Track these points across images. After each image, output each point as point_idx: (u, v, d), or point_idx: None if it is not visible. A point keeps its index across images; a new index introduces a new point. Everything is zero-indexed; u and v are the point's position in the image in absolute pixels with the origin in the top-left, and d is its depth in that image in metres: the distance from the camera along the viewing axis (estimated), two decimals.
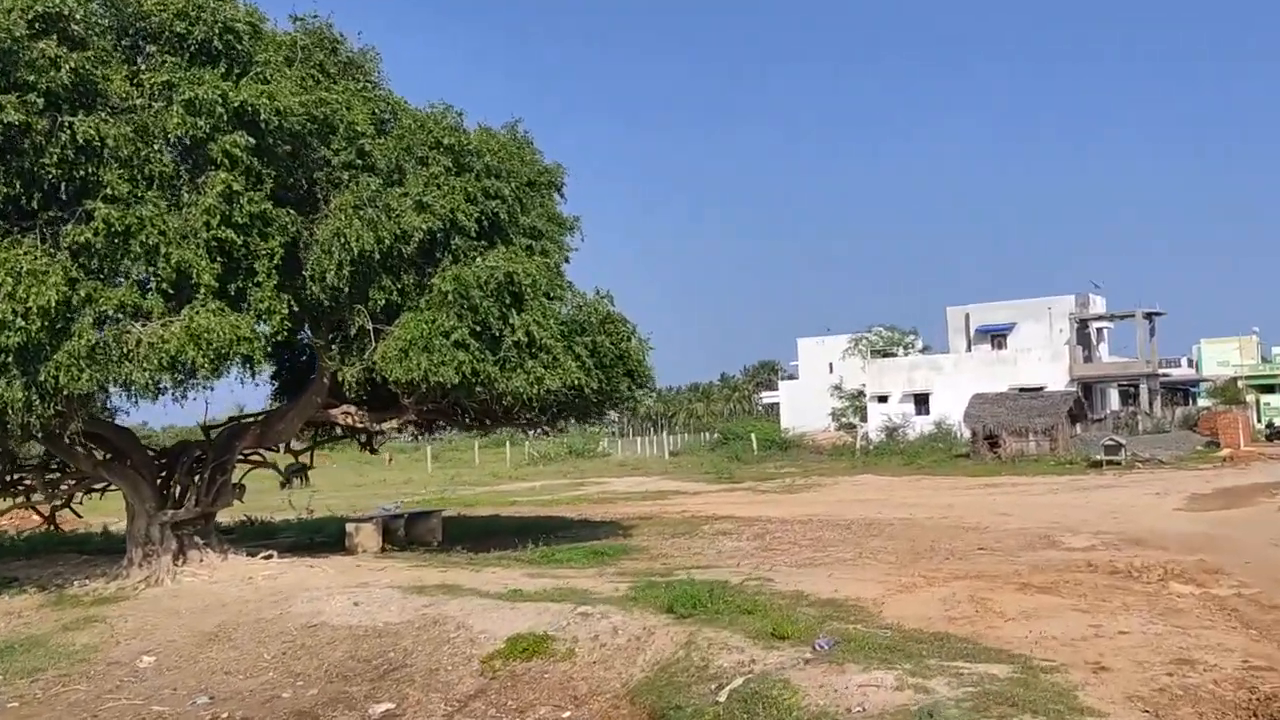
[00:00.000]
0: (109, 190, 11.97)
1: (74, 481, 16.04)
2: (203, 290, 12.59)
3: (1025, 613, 10.23)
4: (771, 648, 8.60)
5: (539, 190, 17.29)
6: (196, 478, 15.33)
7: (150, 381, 12.11)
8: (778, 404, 75.76)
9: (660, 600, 10.43)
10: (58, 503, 17.17)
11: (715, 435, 64.72)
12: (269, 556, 15.11)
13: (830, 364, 70.66)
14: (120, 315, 12.15)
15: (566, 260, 18.09)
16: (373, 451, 20.78)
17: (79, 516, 18.47)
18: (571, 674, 9.02)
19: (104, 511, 20.13)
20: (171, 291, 12.48)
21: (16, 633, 11.87)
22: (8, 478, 15.73)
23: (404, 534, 18.93)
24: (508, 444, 61.08)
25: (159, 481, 15.61)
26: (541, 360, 15.03)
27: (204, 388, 13.33)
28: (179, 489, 15.19)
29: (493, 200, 15.49)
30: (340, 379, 15.14)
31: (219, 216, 12.67)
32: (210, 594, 12.99)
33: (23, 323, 11.29)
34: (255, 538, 20.69)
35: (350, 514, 23.96)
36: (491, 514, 26.57)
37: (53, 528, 17.75)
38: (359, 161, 14.54)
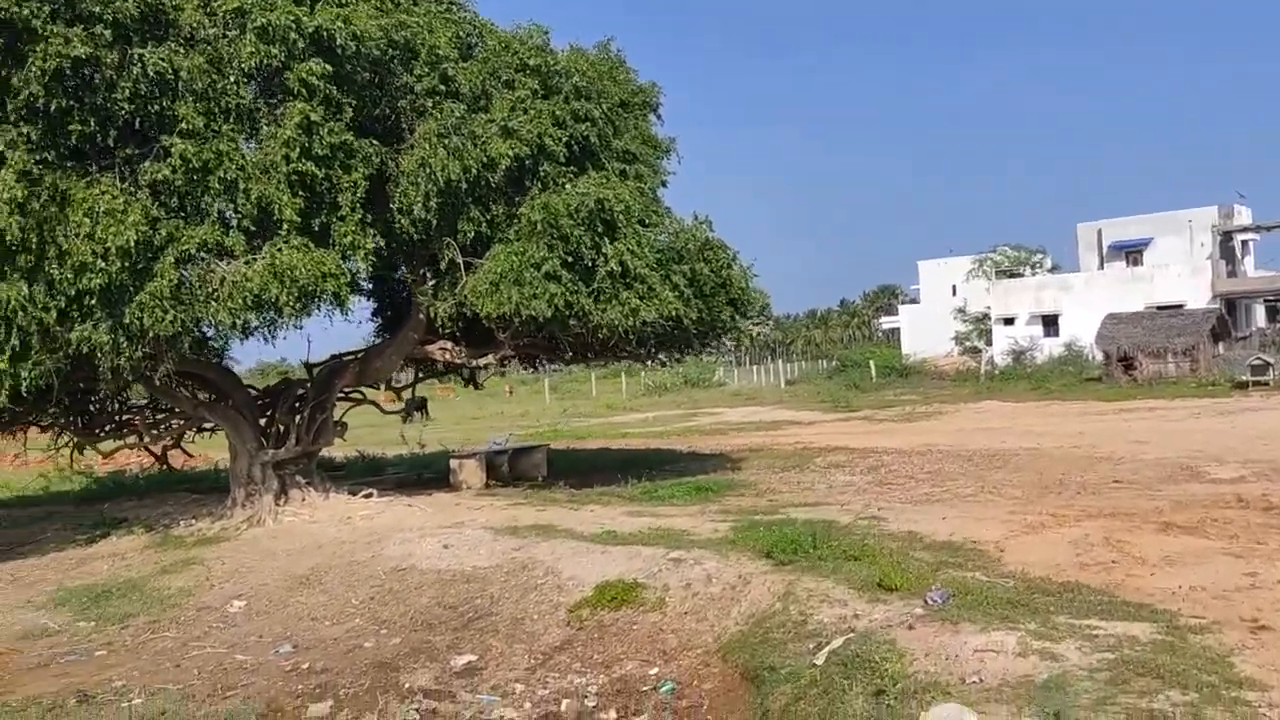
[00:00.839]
0: (185, 125, 11.62)
1: (178, 422, 16.15)
2: (285, 226, 12.24)
3: (1168, 558, 9.16)
4: (878, 600, 7.83)
5: (632, 112, 16.42)
6: (297, 417, 15.22)
7: (236, 321, 11.85)
8: (898, 329, 73.46)
9: (759, 544, 9.73)
10: (168, 442, 17.40)
11: (833, 363, 63.22)
12: (369, 495, 14.96)
13: (953, 286, 67.96)
14: (203, 254, 11.88)
15: (663, 185, 17.26)
16: (477, 387, 20.56)
17: (190, 456, 18.74)
18: (661, 626, 8.44)
19: (221, 448, 20.49)
20: (254, 228, 12.17)
21: (117, 575, 11.93)
22: (117, 419, 15.92)
23: (508, 469, 18.68)
24: (623, 375, 60.99)
25: (261, 421, 15.58)
26: (637, 291, 14.32)
27: (293, 326, 13.02)
28: (279, 428, 15.11)
29: (583, 123, 14.73)
30: (433, 315, 14.75)
31: (298, 149, 12.25)
32: (308, 534, 12.86)
33: (103, 264, 11.11)
34: (364, 474, 20.80)
35: (462, 448, 23.96)
36: (601, 447, 26.25)
37: (165, 467, 18.03)
38: (442, 87, 13.93)
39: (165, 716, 7.71)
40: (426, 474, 19.70)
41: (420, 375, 18.95)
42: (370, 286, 18.11)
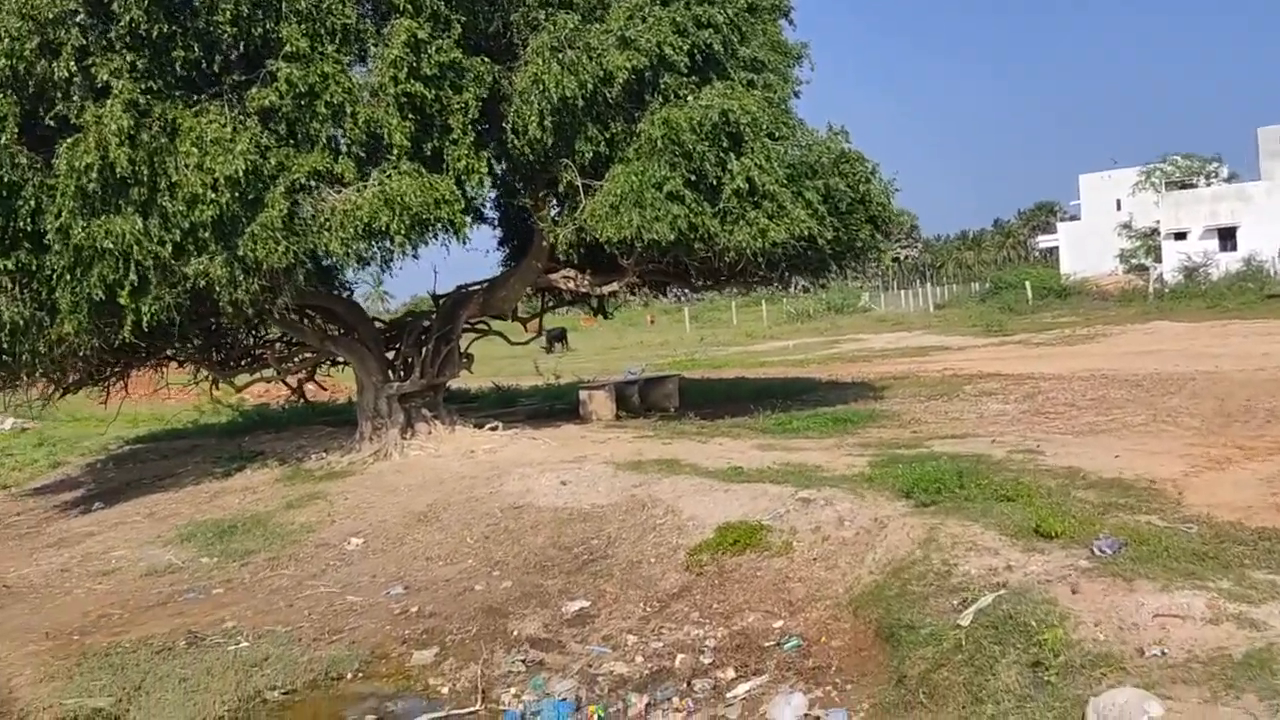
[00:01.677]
0: (289, 47, 11.19)
1: (307, 356, 16.13)
2: (395, 151, 11.76)
3: None
4: (1034, 549, 6.86)
5: (760, 16, 15.23)
6: (423, 350, 14.95)
7: (349, 250, 11.48)
8: (1056, 248, 69.60)
9: (899, 482, 8.83)
10: (302, 376, 17.49)
11: (985, 285, 60.29)
12: (495, 428, 14.63)
13: (1117, 200, 63.77)
14: (313, 182, 11.52)
15: (796, 95, 16.08)
16: (606, 316, 19.96)
17: (324, 389, 18.84)
18: (787, 573, 7.68)
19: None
20: (364, 155, 11.75)
21: (245, 509, 11.92)
22: (252, 353, 16.01)
23: (639, 400, 18.12)
24: (764, 303, 59.82)
25: (389, 355, 15.39)
26: (765, 209, 13.34)
27: (410, 255, 12.63)
28: (405, 361, 14.87)
29: (705, 30, 13.65)
30: (553, 241, 14.15)
31: (406, 69, 11.69)
32: (431, 469, 12.60)
33: (214, 195, 10.86)
34: (497, 406, 20.60)
35: (595, 379, 23.58)
36: (737, 376, 25.46)
37: (302, 400, 18.17)
38: None
39: (269, 661, 7.45)
40: (559, 405, 19.32)
41: (550, 305, 18.45)
42: (496, 214, 17.68)
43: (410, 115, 11.94)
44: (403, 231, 11.49)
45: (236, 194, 10.98)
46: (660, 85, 13.35)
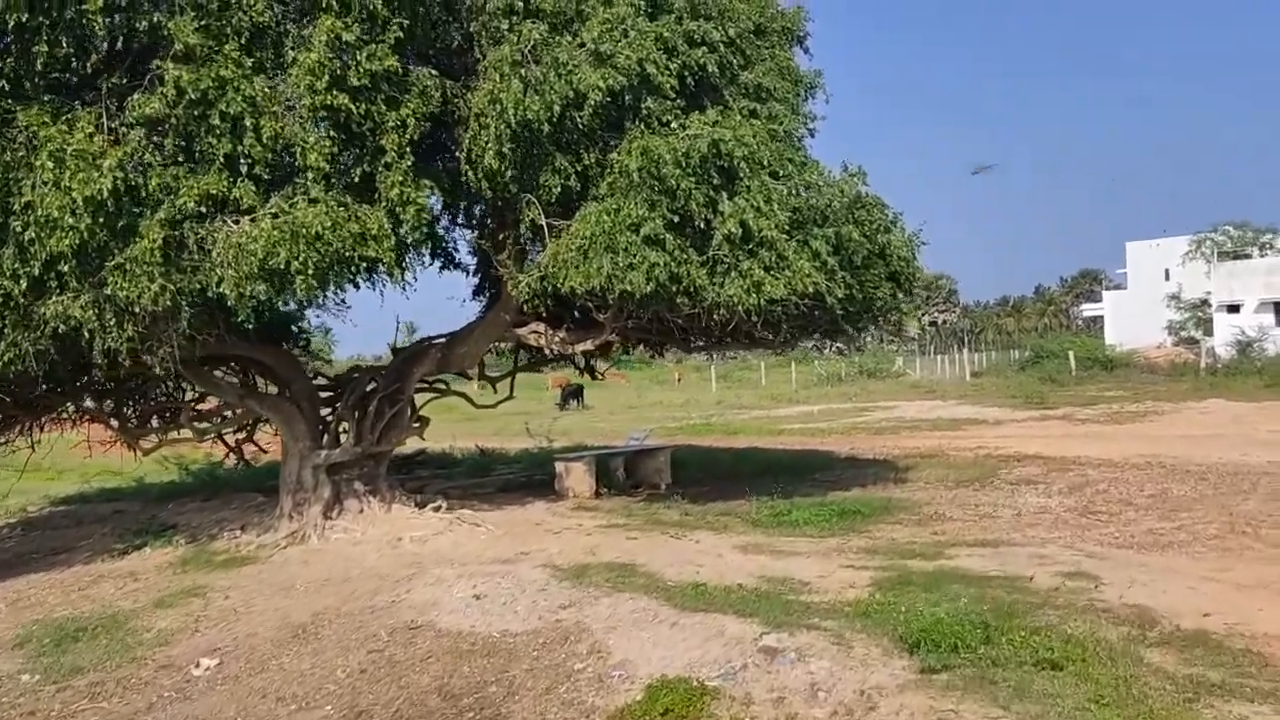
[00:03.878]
0: (179, 45, 9.25)
1: (229, 415, 14.04)
2: (312, 174, 9.75)
3: None
4: None
5: (769, 39, 13.19)
6: (364, 412, 12.83)
7: (243, 293, 9.39)
8: (1100, 317, 66.79)
9: (904, 627, 6.51)
10: (239, 435, 15.43)
11: (1025, 353, 57.49)
12: (438, 507, 12.42)
13: (1166, 270, 61.03)
14: (206, 209, 9.50)
15: (810, 133, 13.96)
16: (594, 377, 17.76)
17: (264, 451, 16.73)
18: None
19: None
20: (269, 178, 9.74)
21: (110, 605, 9.77)
22: (169, 410, 13.96)
23: (625, 474, 15.88)
24: (792, 364, 57.54)
25: (325, 415, 13.30)
26: (762, 260, 11.18)
27: (323, 301, 10.59)
28: (340, 424, 12.76)
29: (699, 49, 11.61)
30: (512, 290, 12.05)
31: (327, 77, 9.72)
32: (343, 560, 10.41)
33: (72, 220, 8.86)
34: (473, 473, 18.45)
35: (582, 446, 21.36)
36: (749, 446, 23.10)
37: (241, 462, 16.07)
38: (521, 4, 11.15)
39: None
40: (539, 476, 17.08)
41: (526, 363, 16.31)
42: (473, 259, 15.63)
43: (333, 133, 9.94)
44: (309, 271, 9.40)
45: (101, 219, 8.98)
46: (642, 110, 11.30)
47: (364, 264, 10.34)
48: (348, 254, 9.97)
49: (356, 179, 10.45)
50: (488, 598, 8.17)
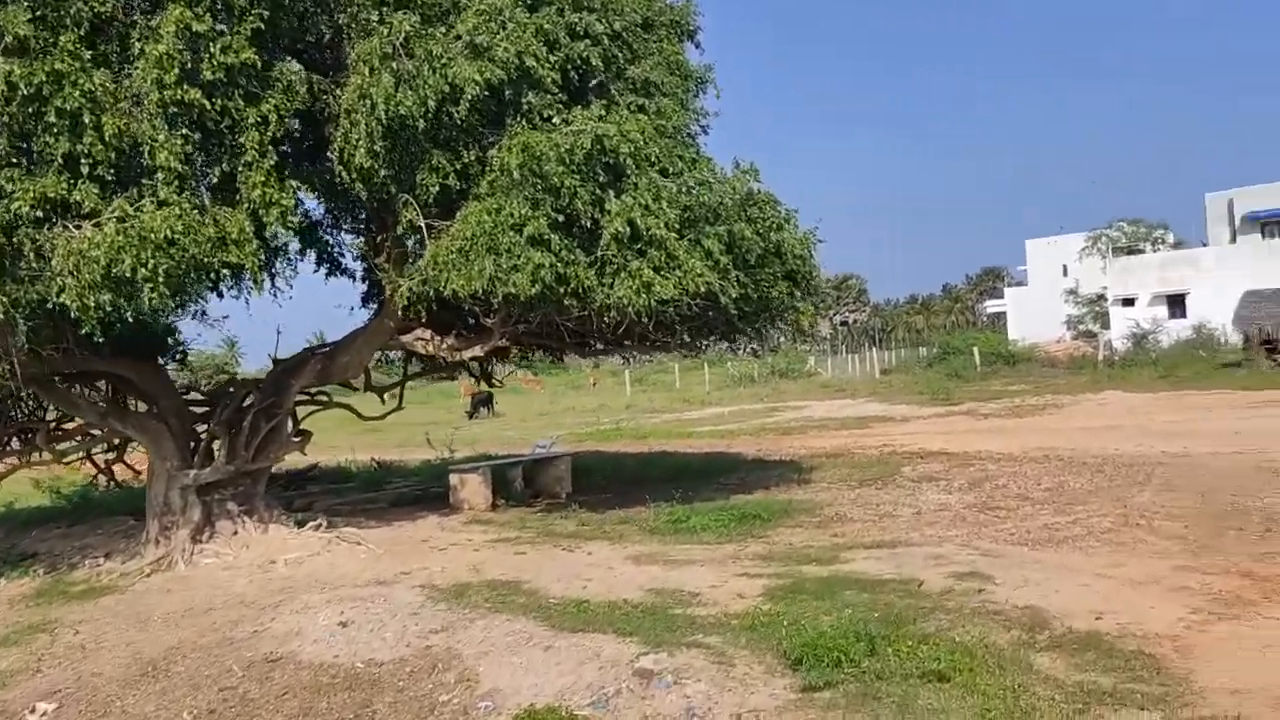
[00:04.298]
0: (9, 37, 8.53)
1: (93, 433, 13.16)
2: (162, 175, 9.09)
3: None
4: None
5: (657, 33, 12.84)
6: (236, 427, 12.11)
7: (87, 304, 8.67)
8: (1004, 314, 68.27)
9: (789, 641, 6.15)
10: (108, 456, 14.52)
11: (933, 350, 58.39)
12: (319, 525, 11.76)
13: (1064, 266, 62.69)
14: (43, 212, 8.76)
15: (704, 130, 13.68)
16: (489, 384, 17.20)
17: (136, 472, 15.81)
18: None
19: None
20: (114, 180, 9.04)
21: None
22: (24, 430, 13.02)
23: (523, 485, 15.38)
24: (705, 366, 57.57)
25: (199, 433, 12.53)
26: (652, 260, 10.80)
27: (176, 311, 9.89)
28: (212, 442, 12.01)
29: (581, 41, 11.18)
30: (392, 295, 11.49)
31: (177, 69, 9.06)
32: (210, 588, 9.73)
33: None
34: (367, 486, 17.75)
35: (493, 454, 20.82)
36: (658, 450, 22.74)
37: (111, 483, 15.15)
38: None
39: None
40: (434, 488, 16.47)
41: (419, 372, 15.70)
42: (360, 265, 14.95)
43: (186, 131, 9.28)
44: (159, 279, 8.73)
45: None
46: (523, 105, 10.83)
47: (225, 271, 9.69)
48: (205, 260, 9.32)
49: (216, 179, 9.81)
50: (355, 624, 7.61)
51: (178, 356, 14.80)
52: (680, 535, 11.29)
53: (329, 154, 10.77)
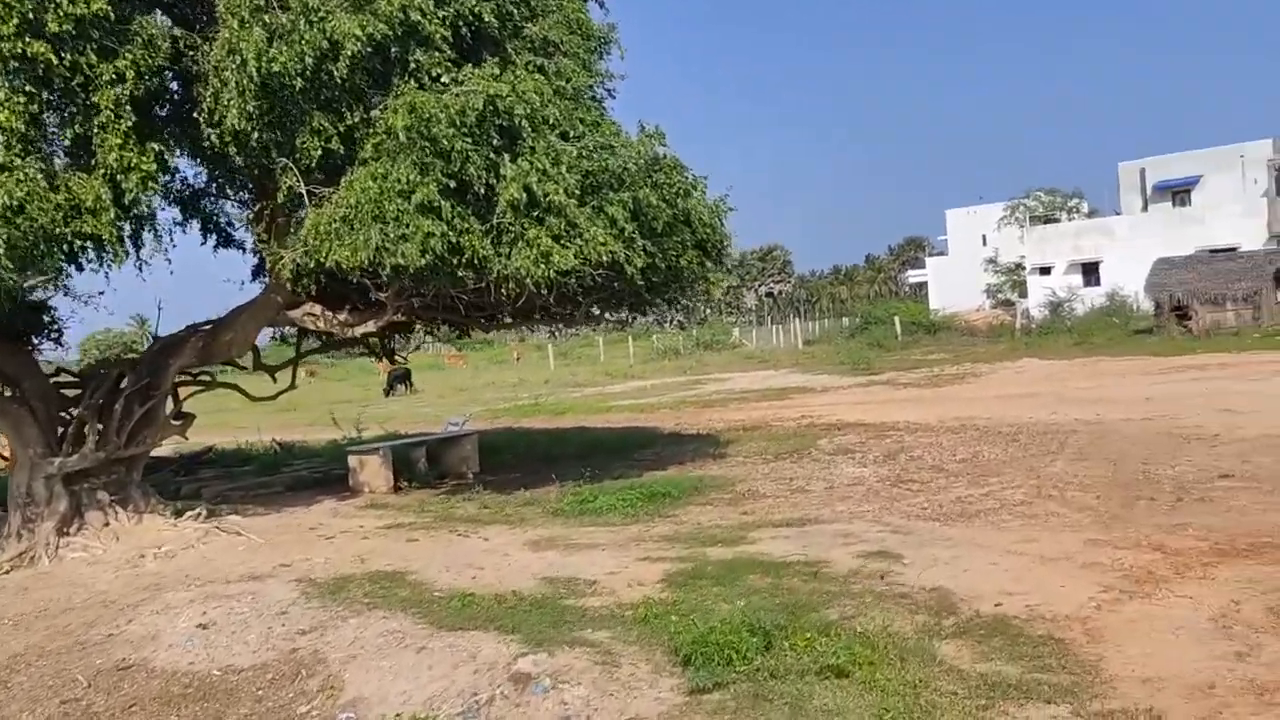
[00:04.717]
0: None
1: None
2: (3, 136, 8.27)
3: None
4: None
5: None
6: (107, 411, 11.29)
7: None
8: (925, 283, 68.87)
9: (680, 636, 5.68)
10: None
11: (856, 320, 58.67)
12: (198, 514, 11.03)
13: (983, 236, 63.33)
14: None
15: (610, 93, 13.11)
16: (390, 360, 16.50)
17: (4, 458, 14.80)
18: None
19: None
20: None
21: None
22: None
23: (427, 465, 14.76)
24: (629, 340, 57.17)
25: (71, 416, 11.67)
26: (551, 227, 10.23)
27: (20, 286, 9.07)
28: (77, 427, 11.18)
29: None
30: (272, 267, 10.77)
31: (17, 20, 8.23)
32: (73, 586, 8.98)
33: None
34: (266, 469, 16.97)
35: (403, 433, 20.11)
36: (575, 426, 22.23)
37: None
38: None
39: None
40: (337, 469, 15.76)
41: (314, 349, 14.93)
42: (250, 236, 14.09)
43: (30, 88, 8.45)
44: (0, 251, 7.93)
45: None
46: (410, 64, 10.14)
47: (82, 242, 8.90)
48: (57, 230, 8.54)
49: (68, 142, 9.00)
50: (216, 626, 6.98)
51: (53, 336, 13.84)
52: (585, 517, 10.81)
53: (197, 115, 9.99)
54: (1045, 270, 49.46)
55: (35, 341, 13.53)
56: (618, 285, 11.50)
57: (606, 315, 13.75)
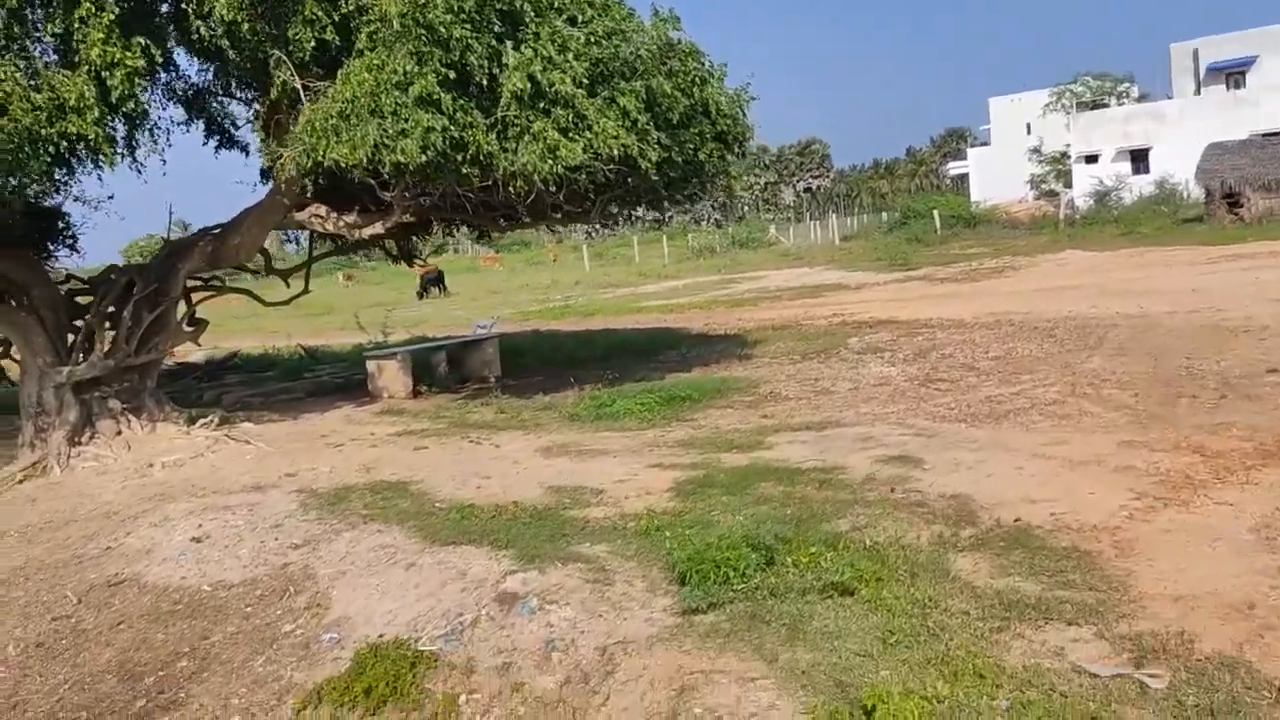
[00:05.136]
0: None
1: None
2: None
3: None
4: None
5: None
6: (116, 318, 11.08)
7: None
8: (967, 175, 67.02)
9: (678, 553, 5.38)
10: None
11: (894, 215, 57.33)
12: (210, 422, 10.89)
13: (1027, 124, 61.21)
14: None
15: None
16: (409, 263, 16.11)
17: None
18: None
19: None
20: None
21: None
22: None
23: (448, 369, 14.52)
24: (664, 239, 56.50)
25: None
26: (558, 120, 9.70)
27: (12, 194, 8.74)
28: (86, 335, 10.99)
29: None
30: (274, 167, 10.37)
31: None
32: (80, 496, 8.88)
33: None
34: (289, 375, 16.83)
35: (431, 336, 19.88)
36: (603, 328, 21.88)
37: (7, 381, 14.05)
38: None
39: None
40: (358, 375, 15.56)
41: (327, 252, 14.61)
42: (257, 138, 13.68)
43: None
44: None
45: None
46: None
47: (68, 143, 8.54)
48: (42, 131, 8.18)
49: (51, 38, 8.58)
50: (210, 540, 6.81)
51: (68, 242, 13.63)
52: (602, 422, 10.53)
53: (185, 6, 9.49)
54: (1092, 159, 47.78)
55: (51, 249, 13.38)
56: (632, 181, 10.97)
57: (625, 213, 13.25)
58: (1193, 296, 16.96)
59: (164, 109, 12.08)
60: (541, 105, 9.69)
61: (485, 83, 9.52)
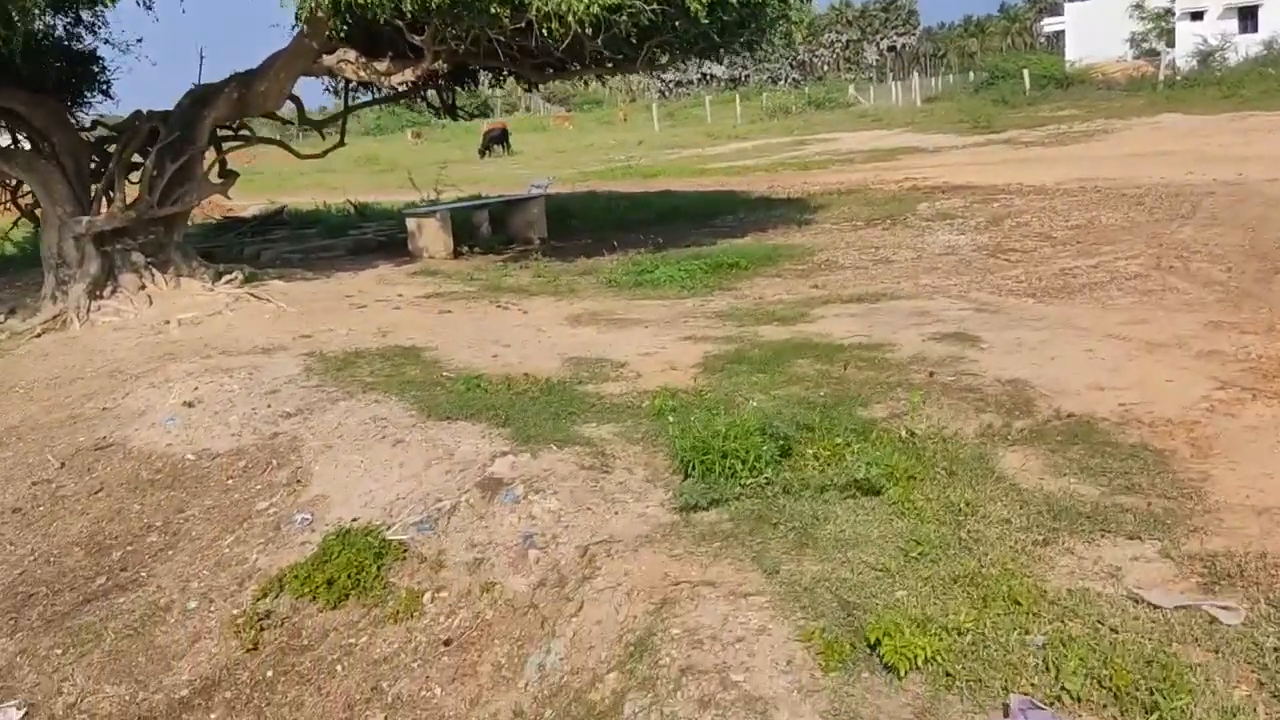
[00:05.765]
0: None
1: None
2: None
3: None
4: (869, 688, 2.94)
5: None
6: (144, 168, 10.63)
7: None
8: (1063, 32, 63.03)
9: (684, 440, 4.77)
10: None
11: (983, 75, 54.29)
12: (234, 279, 10.48)
13: None
14: None
15: None
16: (454, 117, 15.31)
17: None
18: (385, 672, 3.79)
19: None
20: None
21: None
22: None
23: (490, 229, 13.94)
24: (737, 99, 54.52)
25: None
26: None
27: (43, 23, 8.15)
28: (106, 184, 10.56)
29: None
30: (285, 4, 9.61)
31: None
32: (92, 352, 8.56)
33: None
34: (332, 232, 16.38)
35: (485, 195, 19.21)
36: (661, 190, 20.99)
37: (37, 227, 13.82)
38: None
39: None
40: (402, 233, 15.06)
41: (365, 103, 13.90)
42: None
43: None
44: None
45: None
46: None
47: None
48: None
49: None
50: (202, 404, 6.40)
51: (101, 88, 13.18)
52: (640, 289, 9.89)
53: None
54: (1197, 15, 44.36)
55: (87, 95, 12.96)
56: (680, 25, 10.00)
57: (674, 63, 12.26)
58: None
59: None
60: None
61: None
